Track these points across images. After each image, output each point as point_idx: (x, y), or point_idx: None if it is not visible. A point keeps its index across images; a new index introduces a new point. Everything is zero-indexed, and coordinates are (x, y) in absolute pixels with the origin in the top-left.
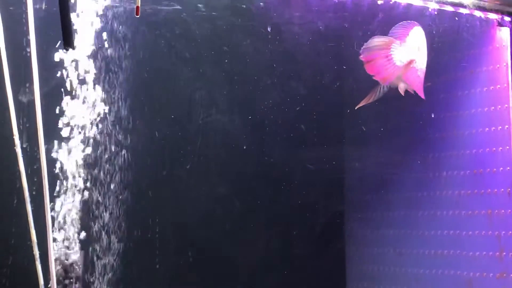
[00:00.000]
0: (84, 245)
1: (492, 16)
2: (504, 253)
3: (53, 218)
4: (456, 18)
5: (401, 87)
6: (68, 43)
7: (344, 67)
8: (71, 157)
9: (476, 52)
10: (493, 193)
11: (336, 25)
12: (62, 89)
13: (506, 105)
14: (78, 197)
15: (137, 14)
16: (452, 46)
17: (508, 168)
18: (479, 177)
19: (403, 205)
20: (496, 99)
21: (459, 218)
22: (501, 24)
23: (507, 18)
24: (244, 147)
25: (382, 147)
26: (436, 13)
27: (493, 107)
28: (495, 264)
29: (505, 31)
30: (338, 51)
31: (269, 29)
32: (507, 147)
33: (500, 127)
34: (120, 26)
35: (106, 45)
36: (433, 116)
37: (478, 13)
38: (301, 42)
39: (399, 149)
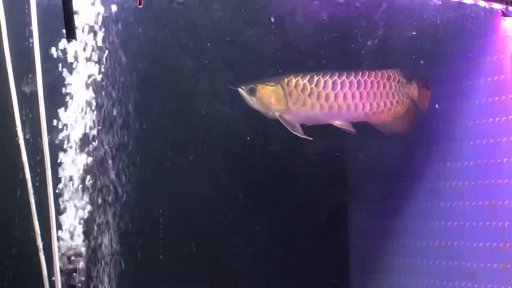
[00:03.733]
0: (87, 236)
1: (497, 6)
2: (508, 244)
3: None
4: (460, 8)
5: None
6: (70, 34)
7: (348, 58)
8: (71, 147)
9: (480, 42)
10: (497, 184)
11: (340, 15)
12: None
13: (510, 96)
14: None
15: (139, 5)
16: (456, 36)
17: None
18: (483, 168)
19: (407, 196)
20: (500, 89)
21: (463, 209)
22: (505, 14)
23: (511, 8)
24: (248, 138)
25: (386, 138)
26: (440, 3)
27: (497, 98)
28: (498, 255)
29: (509, 21)
30: (342, 41)
31: (272, 19)
32: (511, 138)
33: (504, 118)
34: (123, 16)
35: (108, 36)
36: (437, 106)
37: (482, 3)
38: (304, 32)
39: (403, 140)
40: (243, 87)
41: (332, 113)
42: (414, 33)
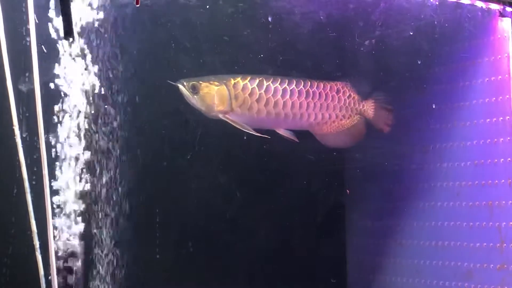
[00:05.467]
0: (84, 237)
1: (494, 6)
2: (505, 245)
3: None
4: (458, 9)
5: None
6: (68, 33)
7: (345, 57)
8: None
9: (478, 42)
10: (493, 184)
11: (338, 15)
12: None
13: (507, 96)
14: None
15: (137, 4)
16: (454, 37)
17: (509, 159)
18: (480, 168)
19: (404, 196)
20: (497, 90)
21: (460, 209)
22: (502, 14)
23: (508, 9)
24: (245, 137)
25: (383, 138)
26: (437, 3)
27: (494, 98)
28: (495, 255)
29: (506, 21)
30: (339, 41)
31: (269, 18)
32: (508, 138)
33: (501, 118)
34: (120, 16)
35: (106, 35)
36: (434, 106)
37: (479, 4)
38: (302, 32)
39: (400, 139)
40: (184, 83)
41: (278, 120)
42: (411, 33)
